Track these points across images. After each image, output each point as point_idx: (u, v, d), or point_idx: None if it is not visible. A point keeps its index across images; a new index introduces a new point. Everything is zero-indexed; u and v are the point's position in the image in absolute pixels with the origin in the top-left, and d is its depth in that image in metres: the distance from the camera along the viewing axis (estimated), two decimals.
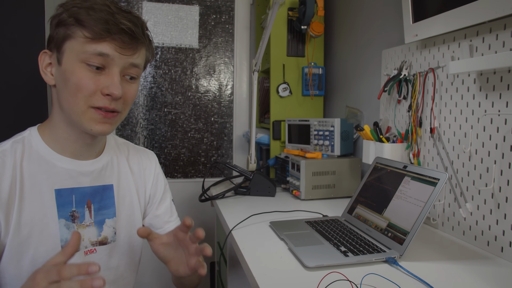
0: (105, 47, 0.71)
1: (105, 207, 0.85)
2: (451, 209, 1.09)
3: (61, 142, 0.79)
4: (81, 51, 0.71)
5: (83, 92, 0.72)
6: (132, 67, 0.77)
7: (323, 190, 1.49)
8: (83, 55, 0.71)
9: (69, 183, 0.79)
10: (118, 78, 0.74)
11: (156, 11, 2.14)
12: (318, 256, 0.87)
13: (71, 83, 0.72)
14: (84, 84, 0.71)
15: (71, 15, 0.71)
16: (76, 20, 0.71)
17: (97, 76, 0.73)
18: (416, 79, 1.20)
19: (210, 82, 2.25)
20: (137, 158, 0.96)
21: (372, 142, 1.30)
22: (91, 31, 0.70)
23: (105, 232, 0.85)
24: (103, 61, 0.72)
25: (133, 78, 0.79)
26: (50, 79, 0.76)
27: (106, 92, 0.73)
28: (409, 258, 0.89)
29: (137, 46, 0.76)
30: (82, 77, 0.71)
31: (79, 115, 0.74)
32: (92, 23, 0.70)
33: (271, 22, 1.57)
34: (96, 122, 0.75)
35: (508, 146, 0.90)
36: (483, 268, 0.85)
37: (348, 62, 1.79)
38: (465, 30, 1.01)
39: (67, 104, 0.74)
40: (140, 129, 2.16)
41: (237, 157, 2.30)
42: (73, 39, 0.71)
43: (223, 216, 1.26)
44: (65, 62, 0.73)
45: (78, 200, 0.80)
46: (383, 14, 1.49)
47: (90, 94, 0.72)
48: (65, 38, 0.72)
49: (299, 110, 1.86)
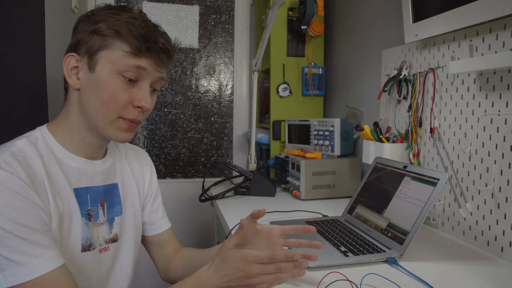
0: (143, 62, 0.75)
1: (114, 205, 0.88)
2: (451, 209, 1.09)
3: (75, 144, 0.80)
4: (120, 63, 0.73)
5: (117, 103, 0.75)
6: (160, 81, 0.81)
7: (323, 190, 1.49)
8: (121, 67, 0.74)
9: (84, 182, 0.81)
10: (148, 91, 0.78)
11: (156, 11, 2.14)
12: (318, 256, 0.87)
13: (106, 93, 0.74)
14: (119, 96, 0.75)
15: (110, 27, 0.73)
16: (115, 33, 0.73)
17: (130, 88, 0.76)
18: (416, 79, 1.20)
19: (210, 82, 2.25)
20: (135, 157, 0.99)
21: (372, 142, 1.30)
22: (133, 46, 0.73)
23: (115, 229, 0.87)
24: (139, 74, 0.76)
25: (155, 90, 0.83)
26: (75, 83, 0.77)
27: (137, 105, 0.76)
28: (409, 258, 0.89)
29: (169, 63, 0.81)
30: (118, 89, 0.74)
31: (107, 123, 0.76)
32: (133, 40, 0.73)
33: (271, 22, 1.57)
34: (121, 131, 0.78)
35: (508, 146, 0.90)
36: (483, 268, 0.85)
37: (348, 62, 1.79)
38: (465, 30, 1.01)
39: (94, 111, 0.76)
40: (140, 129, 2.16)
41: (237, 157, 2.30)
42: (112, 50, 0.73)
43: (223, 216, 1.26)
44: (99, 70, 0.74)
45: (93, 199, 0.82)
46: (383, 14, 1.49)
47: (123, 105, 0.76)
48: (102, 48, 0.74)
49: (299, 110, 1.86)
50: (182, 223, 2.19)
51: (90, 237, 0.79)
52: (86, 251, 0.78)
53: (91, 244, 0.79)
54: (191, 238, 2.21)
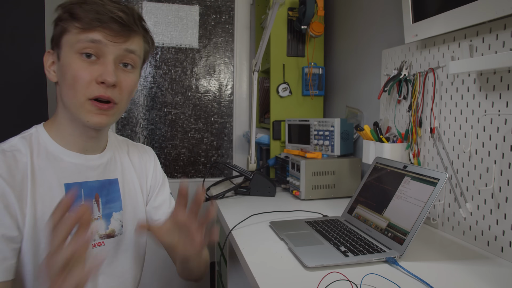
0: (96, 35, 0.74)
1: (112, 201, 0.88)
2: (451, 209, 1.09)
3: (67, 138, 0.81)
4: (75, 41, 0.74)
5: (80, 82, 0.74)
6: (128, 54, 0.78)
7: (323, 190, 1.49)
8: (76, 45, 0.74)
9: (78, 178, 0.81)
10: (112, 66, 0.75)
11: (156, 11, 2.14)
12: (318, 256, 0.87)
13: (69, 76, 0.74)
14: (80, 75, 0.74)
15: (66, 11, 0.75)
16: (70, 15, 0.74)
17: (91, 66, 0.75)
18: (416, 79, 1.20)
19: (210, 82, 2.25)
20: (137, 154, 0.99)
21: (372, 142, 1.30)
22: (83, 22, 0.73)
23: (113, 225, 0.87)
24: (96, 49, 0.74)
25: (130, 66, 0.81)
26: (52, 76, 0.80)
27: (100, 80, 0.74)
28: (409, 258, 0.89)
29: (129, 34, 0.78)
30: (77, 68, 0.74)
31: (78, 107, 0.76)
32: (84, 15, 0.73)
33: (271, 22, 1.57)
34: (92, 114, 0.76)
35: (508, 146, 0.90)
36: (483, 268, 0.85)
37: (348, 62, 1.79)
38: (465, 30, 1.01)
39: (66, 98, 0.77)
40: (140, 129, 2.16)
41: (237, 157, 2.30)
42: (68, 33, 0.75)
43: (223, 216, 1.26)
44: (63, 56, 0.76)
45: (87, 194, 0.83)
46: (383, 14, 1.49)
47: (86, 84, 0.74)
48: (62, 33, 0.76)
49: (299, 110, 1.86)
50: None
51: None
52: None
53: None
54: None
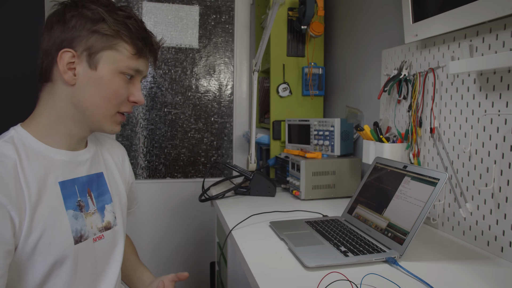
0: (141, 64, 0.83)
1: (102, 194, 0.90)
2: (451, 209, 1.09)
3: (59, 137, 0.80)
4: (123, 64, 0.79)
5: (118, 99, 0.81)
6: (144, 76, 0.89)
7: (323, 190, 1.49)
8: (123, 67, 0.80)
9: (70, 174, 0.82)
10: (140, 87, 0.86)
11: (156, 11, 2.13)
12: (318, 256, 0.87)
13: (110, 91, 0.79)
14: (121, 93, 0.81)
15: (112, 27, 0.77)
16: (118, 34, 0.78)
17: (127, 85, 0.83)
18: (416, 79, 1.20)
19: (210, 82, 2.25)
20: (116, 149, 1.02)
21: (372, 142, 1.30)
22: (136, 48, 0.80)
23: (107, 217, 0.89)
24: (136, 73, 0.84)
25: None
26: (71, 79, 0.77)
27: (132, 100, 0.84)
28: (409, 258, 0.89)
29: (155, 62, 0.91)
30: (120, 86, 0.81)
31: (105, 117, 0.82)
32: (136, 42, 0.80)
33: (271, 22, 1.57)
34: (116, 124, 0.85)
35: (508, 146, 0.90)
36: (483, 268, 0.85)
37: (348, 62, 1.79)
38: (465, 30, 1.01)
39: (93, 107, 0.79)
40: (140, 129, 2.16)
41: (237, 157, 2.30)
42: (116, 51, 0.78)
43: (223, 216, 1.26)
44: (102, 69, 0.78)
45: (80, 190, 0.84)
46: (383, 14, 1.49)
47: (123, 101, 0.83)
48: (106, 48, 0.77)
49: (299, 110, 1.86)
50: (182, 223, 2.19)
51: (81, 228, 0.81)
52: (79, 242, 0.79)
53: (82, 235, 0.80)
54: (191, 238, 2.21)
